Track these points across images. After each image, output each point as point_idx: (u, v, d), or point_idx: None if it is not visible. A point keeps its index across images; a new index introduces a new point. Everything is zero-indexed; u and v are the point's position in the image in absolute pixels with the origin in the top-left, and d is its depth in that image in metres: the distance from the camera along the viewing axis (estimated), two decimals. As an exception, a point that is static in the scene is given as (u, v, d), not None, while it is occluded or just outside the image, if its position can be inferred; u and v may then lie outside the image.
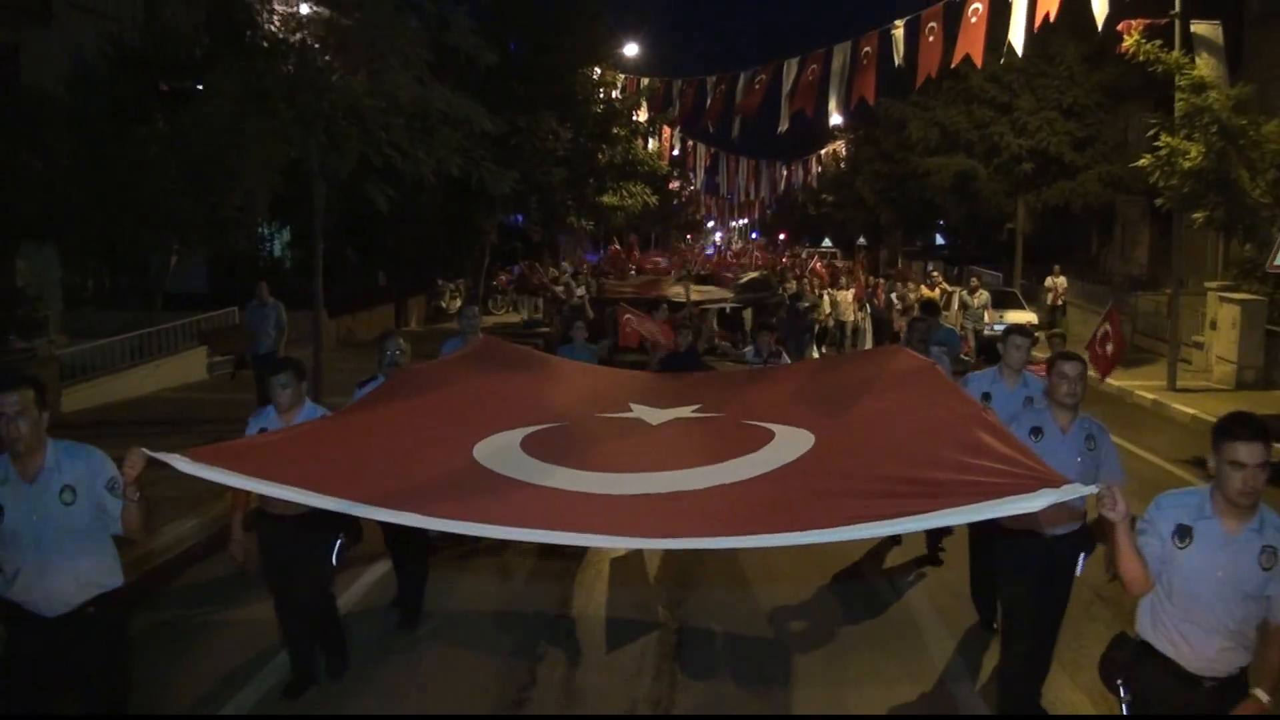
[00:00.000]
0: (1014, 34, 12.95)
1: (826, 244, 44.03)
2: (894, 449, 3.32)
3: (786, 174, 34.02)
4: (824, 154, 34.80)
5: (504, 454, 3.62)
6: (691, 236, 56.02)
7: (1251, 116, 11.74)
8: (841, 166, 34.99)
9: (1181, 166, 11.81)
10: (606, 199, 21.63)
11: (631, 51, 23.01)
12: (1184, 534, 2.78)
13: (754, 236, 56.04)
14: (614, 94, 21.20)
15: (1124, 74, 16.84)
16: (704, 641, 5.20)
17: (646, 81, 21.70)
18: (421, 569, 5.34)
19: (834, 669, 4.82)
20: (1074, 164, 20.24)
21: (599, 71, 20.52)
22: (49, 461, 3.17)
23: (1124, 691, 2.98)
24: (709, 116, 20.22)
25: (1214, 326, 14.59)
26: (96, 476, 3.22)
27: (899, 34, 14.94)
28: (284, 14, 8.87)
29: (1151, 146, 12.37)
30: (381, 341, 5.45)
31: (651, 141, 23.94)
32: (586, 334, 8.35)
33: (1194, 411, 11.41)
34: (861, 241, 39.52)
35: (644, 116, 22.23)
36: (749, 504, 3.14)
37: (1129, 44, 12.37)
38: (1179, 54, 12.17)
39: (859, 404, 4.03)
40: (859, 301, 16.76)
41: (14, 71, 12.99)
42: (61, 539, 3.16)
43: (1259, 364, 13.66)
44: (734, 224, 64.42)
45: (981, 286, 17.26)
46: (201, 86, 11.59)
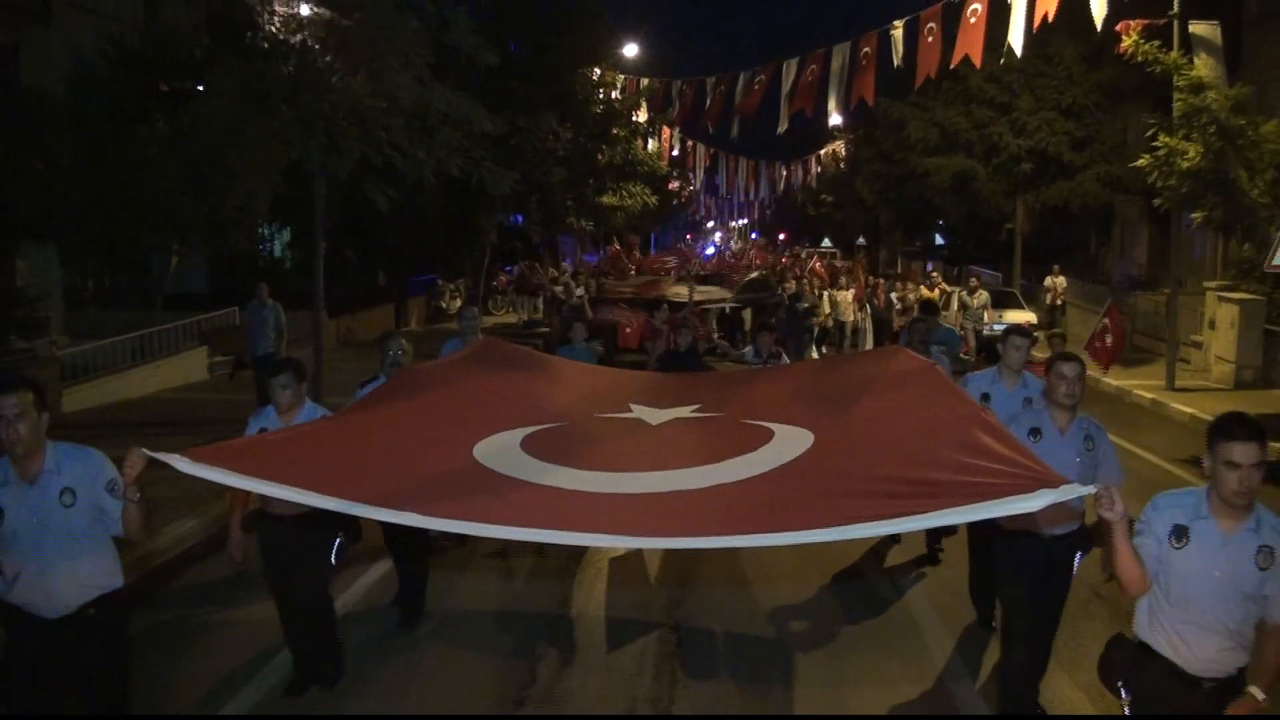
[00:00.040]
0: (1013, 34, 12.96)
1: (826, 244, 44.02)
2: (893, 449, 3.32)
3: (786, 174, 33.97)
4: (823, 154, 34.75)
5: (504, 454, 3.62)
6: (691, 237, 56.05)
7: (1250, 117, 11.74)
8: (841, 167, 34.95)
9: (1180, 167, 11.81)
10: (606, 199, 21.61)
11: (631, 52, 23.01)
12: (1180, 534, 2.78)
13: (753, 236, 55.98)
14: (614, 94, 21.18)
15: (1123, 74, 16.83)
16: (704, 641, 5.20)
17: (646, 82, 21.68)
18: (422, 569, 5.34)
19: (834, 668, 4.82)
20: (1073, 164, 20.24)
21: (599, 72, 20.51)
22: (49, 464, 3.17)
23: (1125, 693, 2.97)
24: (708, 117, 20.22)
25: (1212, 326, 14.61)
26: (96, 478, 3.22)
27: (898, 34, 14.97)
28: (284, 15, 8.86)
29: (1150, 147, 12.36)
30: (383, 341, 5.45)
31: (651, 142, 23.94)
32: (586, 334, 8.33)
33: (1192, 411, 11.42)
34: (861, 242, 39.51)
35: (644, 117, 22.22)
36: (748, 503, 3.14)
37: (1127, 44, 12.37)
38: (1177, 54, 12.16)
39: (859, 404, 4.03)
40: (859, 302, 16.76)
41: (14, 72, 12.97)
42: (62, 541, 3.16)
43: (1257, 363, 13.69)
44: (734, 224, 64.42)
45: (981, 287, 17.28)
46: (202, 87, 11.59)
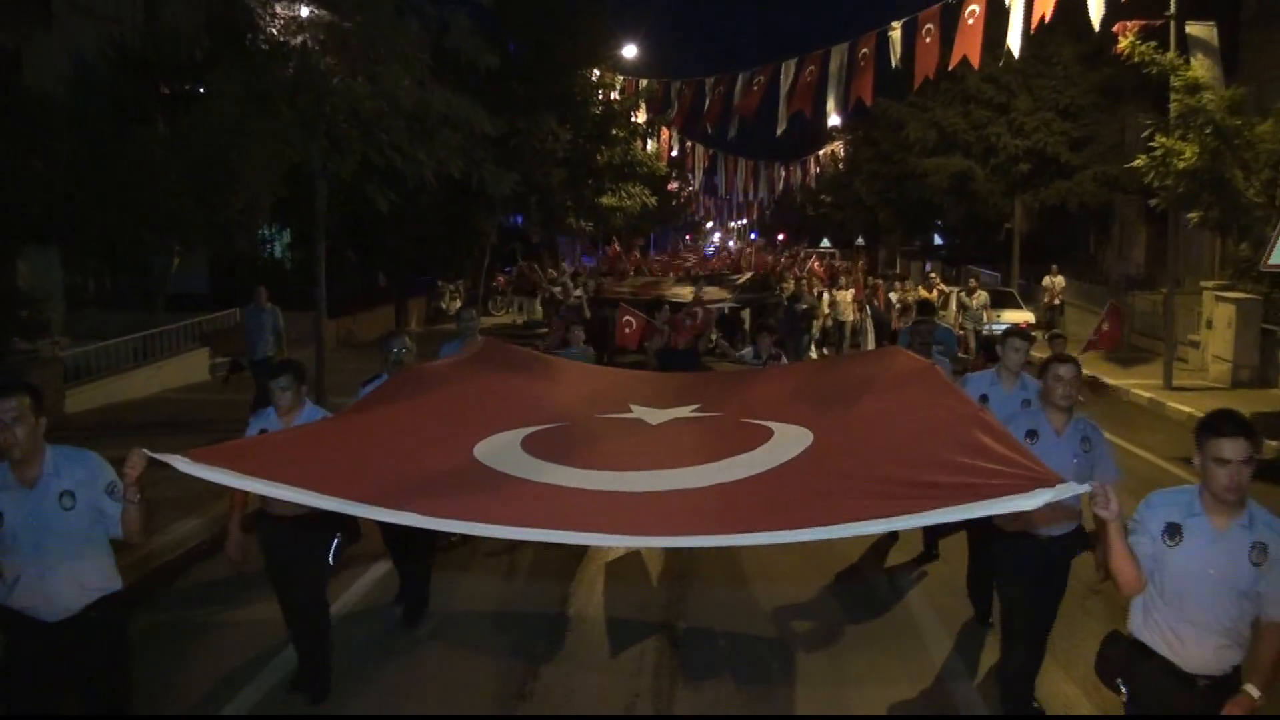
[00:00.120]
0: (1011, 35, 12.99)
1: (825, 244, 44.05)
2: (892, 448, 3.33)
3: (785, 175, 33.99)
4: (822, 155, 34.80)
5: (504, 453, 3.63)
6: (690, 237, 56.05)
7: (1246, 117, 11.78)
8: (840, 167, 35.01)
9: (1176, 167, 11.84)
10: (605, 200, 21.61)
11: (630, 53, 23.03)
12: (1174, 532, 2.79)
13: (752, 237, 56.00)
14: (613, 95, 21.20)
15: (1120, 74, 16.85)
16: (704, 641, 5.21)
17: (645, 83, 21.69)
18: (424, 568, 5.35)
19: (834, 667, 4.84)
20: (1071, 164, 20.29)
21: (598, 73, 20.52)
22: (48, 467, 3.18)
23: (1124, 689, 2.98)
24: (707, 117, 20.22)
25: (1210, 325, 14.65)
26: (95, 481, 3.23)
27: (896, 35, 14.99)
28: (285, 17, 8.87)
29: (1147, 147, 12.40)
30: (387, 340, 5.46)
31: (650, 143, 23.95)
32: (584, 336, 8.27)
33: (1190, 410, 11.45)
34: (860, 242, 39.54)
35: (643, 118, 22.24)
36: (748, 502, 3.15)
37: (1124, 45, 12.40)
38: (1174, 55, 12.20)
39: (858, 403, 4.05)
40: (858, 302, 16.79)
41: (15, 73, 12.97)
42: (61, 544, 3.16)
43: (1254, 362, 13.73)
44: (732, 224, 64.41)
45: (979, 287, 17.30)
46: (202, 89, 11.59)
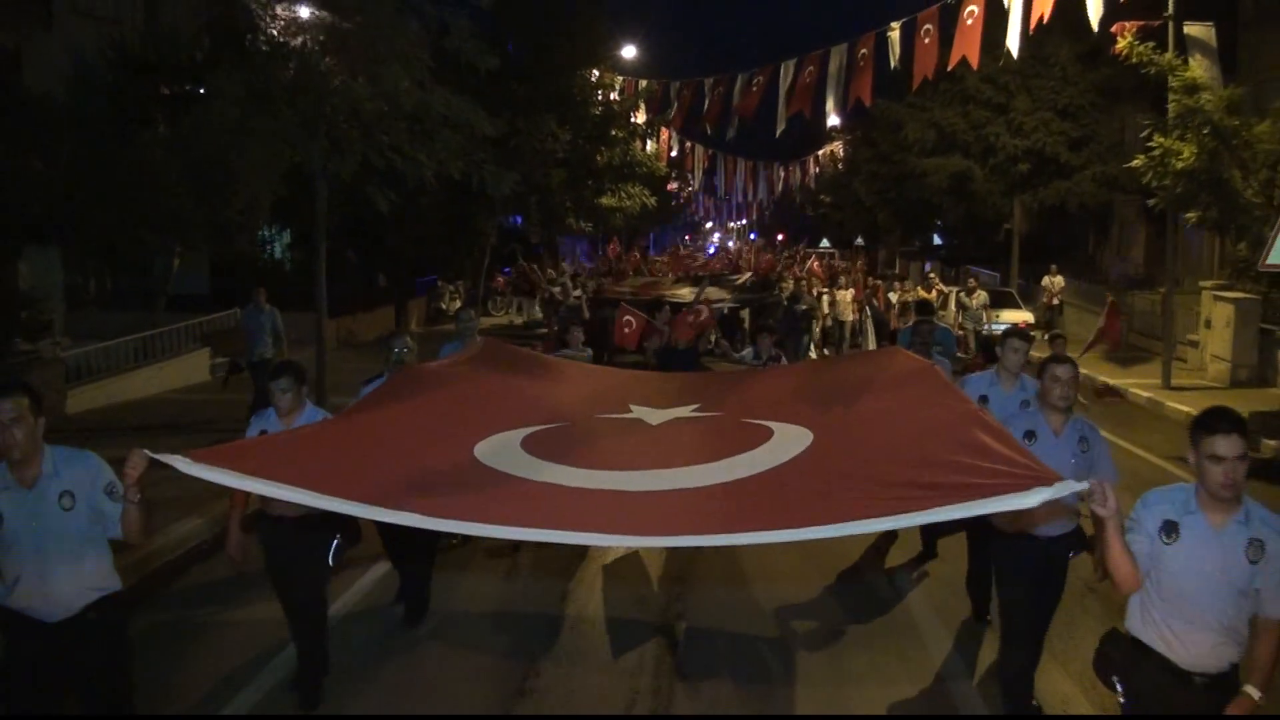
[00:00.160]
0: (1010, 36, 13.01)
1: (825, 244, 44.07)
2: (892, 447, 3.34)
3: (784, 175, 34.01)
4: (821, 155, 34.81)
5: (504, 453, 3.65)
6: (690, 237, 56.08)
7: (1244, 117, 11.80)
8: (839, 167, 35.01)
9: (1174, 167, 11.87)
10: (605, 200, 21.62)
11: (630, 53, 23.04)
12: (1170, 530, 2.79)
13: (752, 237, 56.04)
14: (612, 96, 21.21)
15: (1119, 74, 16.87)
16: (703, 640, 5.22)
17: (645, 83, 21.71)
18: (425, 568, 5.34)
19: (834, 667, 4.85)
20: (1069, 164, 20.31)
21: (597, 73, 20.53)
22: (47, 467, 3.18)
23: (1120, 687, 2.99)
24: (707, 118, 20.24)
25: (1208, 325, 14.67)
26: (95, 481, 3.24)
27: (895, 36, 15.01)
28: (285, 18, 8.87)
29: (1145, 147, 12.43)
30: (388, 340, 5.46)
31: (650, 143, 23.96)
32: (583, 337, 8.27)
33: (1189, 409, 11.45)
34: (859, 242, 39.56)
35: (642, 118, 22.26)
36: (747, 501, 3.16)
37: (1122, 46, 12.43)
38: (1172, 55, 12.22)
39: (858, 403, 4.06)
40: (858, 303, 16.81)
41: (16, 74, 12.99)
42: (61, 544, 3.17)
43: (1253, 362, 13.76)
44: (732, 225, 64.46)
45: (979, 287, 17.33)
46: (203, 90, 11.60)
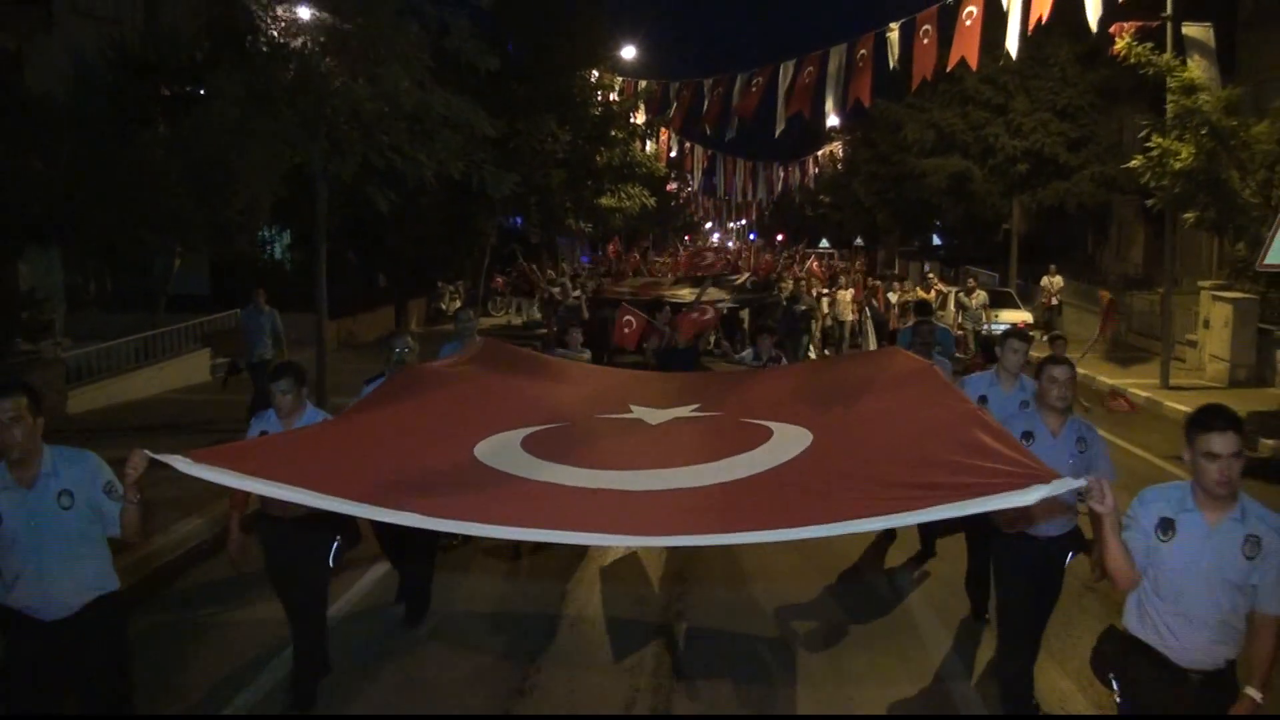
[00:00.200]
0: (1009, 37, 13.03)
1: (824, 245, 44.10)
2: (891, 447, 3.36)
3: (783, 175, 34.02)
4: (821, 155, 34.82)
5: (504, 453, 3.66)
6: (689, 238, 56.08)
7: (1241, 118, 11.82)
8: (838, 168, 35.03)
9: (1173, 167, 11.89)
10: (605, 201, 21.63)
11: (629, 54, 23.05)
12: (1167, 527, 2.81)
13: (751, 238, 56.05)
14: (612, 96, 21.23)
15: (1118, 75, 16.89)
16: (703, 640, 5.23)
17: (644, 84, 21.72)
18: (425, 567, 5.34)
19: (833, 667, 4.86)
20: (1068, 164, 20.33)
21: (597, 74, 20.54)
22: (45, 467, 3.19)
23: (1115, 685, 3.00)
24: (706, 118, 20.24)
25: (1207, 325, 14.70)
26: (93, 480, 3.25)
27: (894, 37, 15.03)
28: (285, 19, 8.87)
29: (1144, 147, 12.45)
30: (389, 339, 5.46)
31: (649, 143, 23.98)
32: (582, 338, 8.28)
33: (1187, 409, 11.36)
34: (859, 242, 39.59)
35: (642, 119, 22.28)
36: (747, 501, 3.18)
37: (1120, 47, 12.46)
38: (1170, 56, 12.25)
39: (857, 403, 4.08)
40: (858, 303, 16.84)
41: (16, 75, 13.00)
42: (60, 543, 3.18)
43: (1251, 362, 13.78)
44: (731, 225, 64.46)
45: (978, 287, 17.36)
46: (203, 90, 11.61)
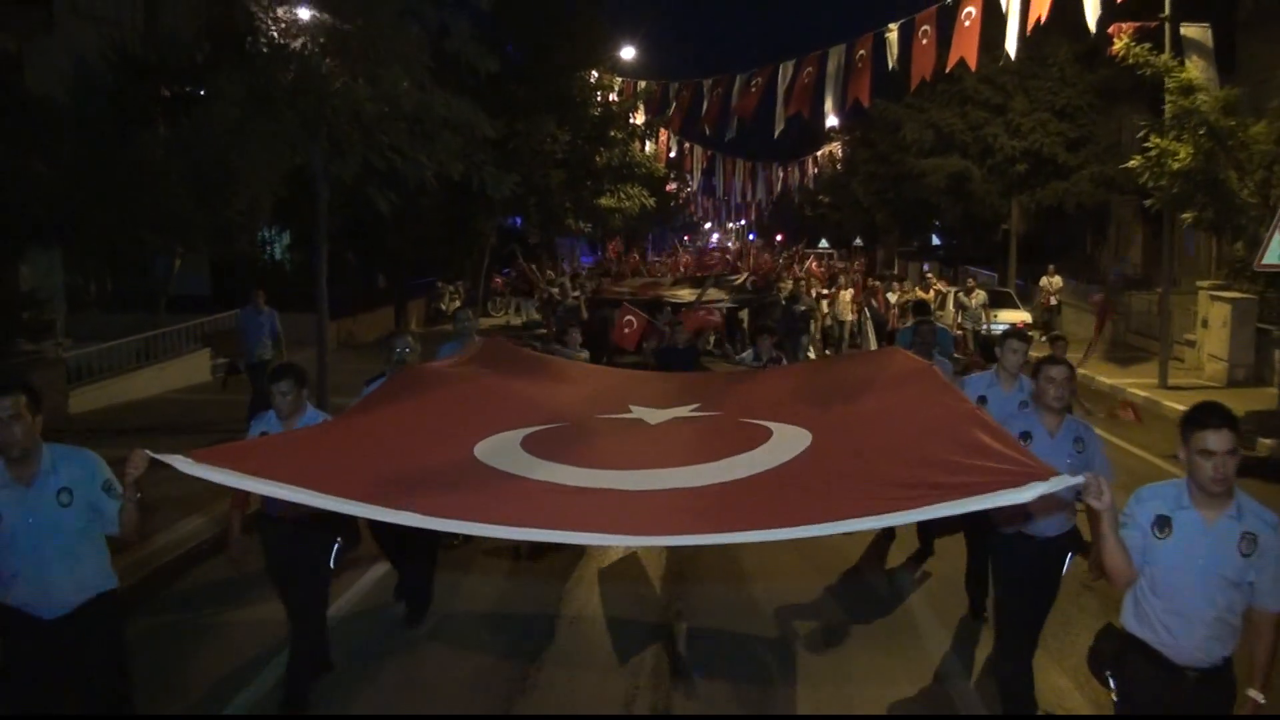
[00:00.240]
0: (1008, 37, 13.06)
1: (823, 245, 44.12)
2: (890, 447, 3.37)
3: (783, 175, 34.04)
4: (820, 155, 34.84)
5: (504, 453, 3.67)
6: (689, 238, 56.16)
7: (1239, 118, 11.85)
8: (837, 168, 35.05)
9: (1171, 167, 11.90)
10: (604, 201, 21.65)
11: (629, 55, 23.08)
12: (1163, 524, 2.82)
13: (751, 238, 56.10)
14: (611, 97, 21.25)
15: (1116, 75, 16.88)
16: (702, 639, 5.24)
17: (644, 84, 21.75)
18: (425, 567, 5.35)
19: (832, 666, 4.87)
20: (1067, 165, 20.36)
21: (596, 74, 20.57)
22: (45, 465, 3.20)
23: (1112, 682, 3.01)
24: (706, 119, 20.27)
25: (1205, 325, 14.72)
26: (92, 479, 3.26)
27: (893, 37, 15.06)
28: (286, 20, 8.88)
29: (1142, 148, 12.48)
30: (391, 339, 5.47)
31: (649, 144, 24.00)
32: (581, 338, 8.28)
33: (1186, 409, 11.50)
34: (858, 242, 39.62)
35: (641, 119, 22.30)
36: (746, 501, 3.19)
37: (1119, 47, 12.49)
38: (1168, 57, 12.27)
39: (856, 403, 4.09)
40: (857, 303, 16.86)
41: (17, 77, 13.02)
42: (59, 541, 3.19)
43: (1249, 361, 13.80)
44: (731, 225, 64.52)
45: (977, 287, 17.38)
46: (203, 91, 11.62)
